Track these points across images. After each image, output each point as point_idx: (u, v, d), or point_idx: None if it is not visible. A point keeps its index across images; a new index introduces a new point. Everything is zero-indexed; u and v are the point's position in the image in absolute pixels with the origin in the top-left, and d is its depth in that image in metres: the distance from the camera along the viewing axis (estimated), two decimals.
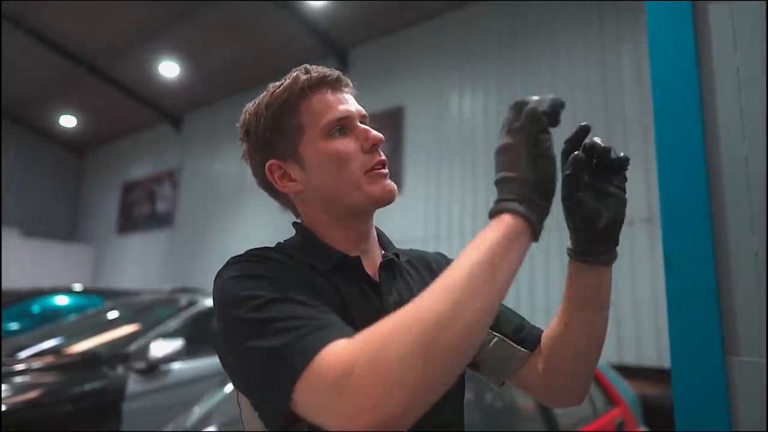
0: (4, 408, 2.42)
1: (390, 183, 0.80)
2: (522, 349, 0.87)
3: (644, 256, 5.06)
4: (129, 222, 12.23)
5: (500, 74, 6.62)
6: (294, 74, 0.82)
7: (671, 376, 0.98)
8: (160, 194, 11.51)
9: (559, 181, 0.68)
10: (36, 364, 2.85)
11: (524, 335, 0.89)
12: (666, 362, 4.25)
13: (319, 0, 7.52)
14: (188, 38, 8.95)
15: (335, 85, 0.82)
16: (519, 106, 0.65)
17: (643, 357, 4.87)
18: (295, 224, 0.87)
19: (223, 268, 0.72)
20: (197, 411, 2.58)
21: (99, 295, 5.70)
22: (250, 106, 0.86)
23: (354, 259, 0.80)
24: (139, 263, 11.56)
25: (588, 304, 0.82)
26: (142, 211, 11.89)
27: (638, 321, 5.01)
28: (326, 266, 0.78)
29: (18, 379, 2.67)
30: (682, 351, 0.98)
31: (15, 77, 10.53)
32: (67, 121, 12.52)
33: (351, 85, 0.85)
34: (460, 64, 6.99)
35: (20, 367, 2.80)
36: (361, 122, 0.81)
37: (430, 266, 0.92)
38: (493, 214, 0.61)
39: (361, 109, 0.83)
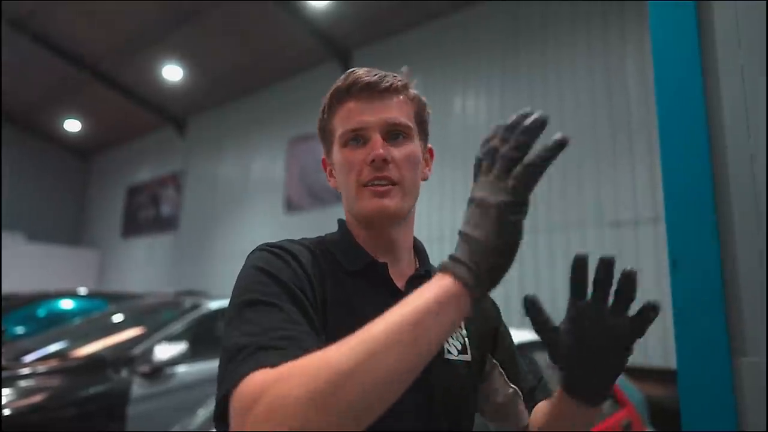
0: (9, 412, 2.43)
1: (380, 201, 0.77)
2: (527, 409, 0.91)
3: (650, 256, 5.04)
4: (134, 226, 12.28)
5: (504, 75, 6.62)
6: (339, 79, 0.83)
7: (677, 376, 0.97)
8: (165, 198, 11.55)
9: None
10: (41, 367, 2.86)
11: (537, 395, 0.92)
12: (673, 363, 4.23)
13: (322, 1, 7.53)
14: (191, 42, 8.99)
15: (364, 92, 0.80)
16: (506, 165, 0.57)
17: (649, 358, 4.84)
18: (339, 221, 0.90)
19: (253, 251, 0.76)
20: (201, 414, 2.58)
21: (103, 299, 5.71)
22: None
23: (382, 264, 0.81)
24: (144, 267, 11.60)
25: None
26: (147, 214, 11.93)
27: None
28: (354, 267, 0.80)
29: (23, 383, 2.67)
30: (688, 352, 0.97)
31: (19, 82, 10.61)
32: (72, 126, 12.59)
33: (393, 88, 0.82)
34: (463, 65, 6.98)
35: (25, 370, 2.80)
36: (389, 131, 0.80)
37: None
38: (441, 269, 0.57)
39: (393, 117, 0.80)
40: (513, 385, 0.90)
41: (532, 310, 0.69)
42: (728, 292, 0.95)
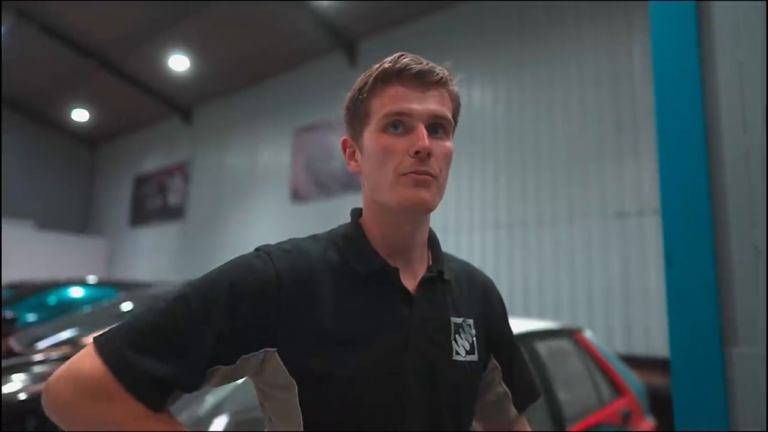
0: (24, 396, 2.49)
1: (419, 192, 0.74)
2: (514, 409, 0.94)
3: (653, 246, 5.05)
4: (141, 215, 12.36)
5: (510, 67, 6.60)
6: (385, 60, 0.80)
7: (671, 365, 1.00)
8: (172, 187, 11.61)
9: None
10: (54, 354, 2.92)
11: (521, 401, 0.95)
12: None
13: None
14: (198, 32, 8.99)
15: (414, 79, 0.78)
16: None
17: (652, 347, 4.87)
18: (352, 212, 0.87)
19: (255, 250, 0.79)
20: (210, 399, 2.63)
21: (113, 287, 5.78)
22: None
23: (393, 269, 0.79)
24: (151, 255, 11.69)
25: None
26: (154, 203, 12.01)
27: (647, 311, 5.00)
28: (364, 271, 0.78)
29: (37, 369, 2.74)
30: (682, 341, 1.00)
31: (27, 71, 10.65)
32: (79, 115, 12.64)
33: (443, 81, 0.80)
34: (469, 57, 6.96)
35: (39, 357, 2.87)
36: (431, 123, 0.77)
37: (478, 289, 0.92)
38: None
39: (439, 110, 0.78)
40: (505, 386, 0.91)
41: None
42: (722, 284, 0.98)
